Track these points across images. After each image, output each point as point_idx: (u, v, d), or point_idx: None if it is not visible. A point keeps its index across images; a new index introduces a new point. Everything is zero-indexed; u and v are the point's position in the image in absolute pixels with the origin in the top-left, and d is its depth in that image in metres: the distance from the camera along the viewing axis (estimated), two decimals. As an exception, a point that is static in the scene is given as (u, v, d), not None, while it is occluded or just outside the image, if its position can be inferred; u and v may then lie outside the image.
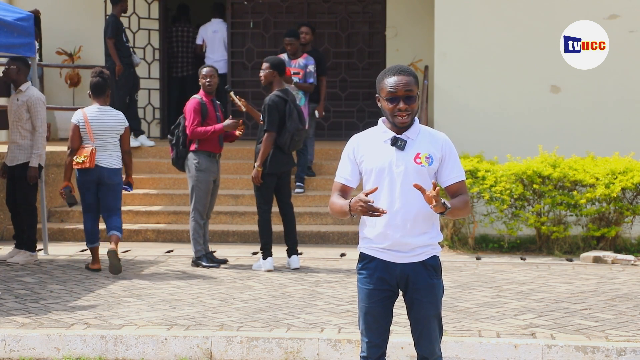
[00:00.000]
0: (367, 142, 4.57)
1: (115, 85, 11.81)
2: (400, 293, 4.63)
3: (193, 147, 9.19)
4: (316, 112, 11.86)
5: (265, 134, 8.93)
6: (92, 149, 8.75)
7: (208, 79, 9.26)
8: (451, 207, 4.42)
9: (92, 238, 9.01)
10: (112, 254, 8.70)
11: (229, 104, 13.28)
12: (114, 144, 8.94)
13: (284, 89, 9.13)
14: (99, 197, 8.92)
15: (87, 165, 8.72)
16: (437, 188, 4.33)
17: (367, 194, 4.34)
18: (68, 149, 8.91)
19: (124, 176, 9.12)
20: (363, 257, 4.61)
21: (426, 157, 4.50)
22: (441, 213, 4.40)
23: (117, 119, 9.00)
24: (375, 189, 4.36)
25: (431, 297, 4.55)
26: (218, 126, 9.18)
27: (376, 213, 4.31)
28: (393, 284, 4.56)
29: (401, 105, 4.45)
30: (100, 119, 8.90)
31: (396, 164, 4.48)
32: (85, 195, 8.94)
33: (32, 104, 9.31)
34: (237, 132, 9.34)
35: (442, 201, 4.37)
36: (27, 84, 9.47)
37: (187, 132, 9.12)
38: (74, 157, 8.83)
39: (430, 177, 4.51)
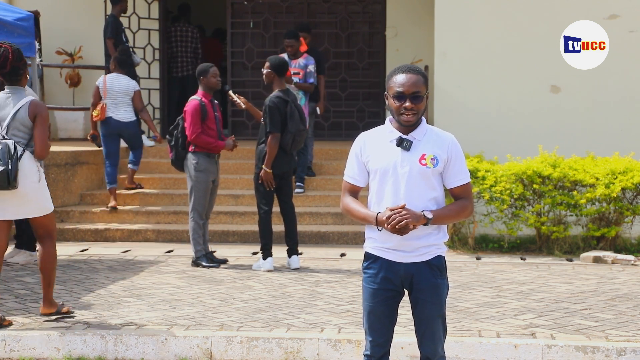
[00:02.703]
0: (373, 142, 4.56)
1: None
2: (407, 293, 4.63)
3: (192, 147, 9.19)
4: (317, 109, 11.87)
5: (270, 136, 8.92)
6: (103, 104, 11.10)
7: (219, 78, 9.34)
8: (434, 217, 4.42)
9: (111, 180, 11.21)
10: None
11: (229, 104, 13.27)
12: (127, 103, 11.23)
13: (284, 89, 9.12)
14: (126, 141, 11.43)
15: (100, 117, 11.09)
16: (399, 207, 4.37)
17: (392, 210, 4.37)
18: (91, 105, 11.30)
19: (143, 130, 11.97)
20: (368, 256, 4.61)
21: (432, 159, 4.48)
22: (424, 224, 4.41)
23: (128, 83, 11.32)
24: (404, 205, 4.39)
25: (435, 297, 4.54)
26: (221, 143, 9.24)
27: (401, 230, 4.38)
28: (398, 283, 4.56)
29: (407, 104, 4.44)
30: (115, 82, 11.24)
31: (401, 165, 4.47)
32: (107, 143, 11.24)
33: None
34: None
35: (422, 213, 4.39)
36: None
37: (188, 135, 9.12)
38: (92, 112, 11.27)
39: (435, 178, 4.50)
